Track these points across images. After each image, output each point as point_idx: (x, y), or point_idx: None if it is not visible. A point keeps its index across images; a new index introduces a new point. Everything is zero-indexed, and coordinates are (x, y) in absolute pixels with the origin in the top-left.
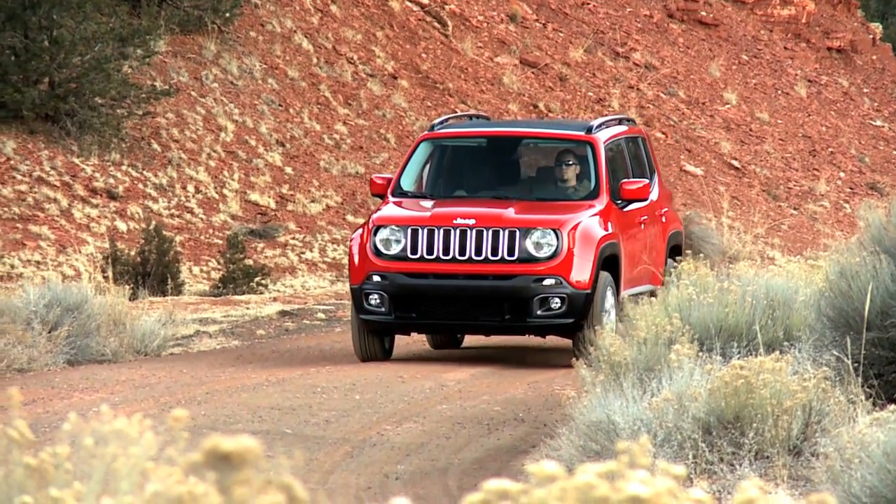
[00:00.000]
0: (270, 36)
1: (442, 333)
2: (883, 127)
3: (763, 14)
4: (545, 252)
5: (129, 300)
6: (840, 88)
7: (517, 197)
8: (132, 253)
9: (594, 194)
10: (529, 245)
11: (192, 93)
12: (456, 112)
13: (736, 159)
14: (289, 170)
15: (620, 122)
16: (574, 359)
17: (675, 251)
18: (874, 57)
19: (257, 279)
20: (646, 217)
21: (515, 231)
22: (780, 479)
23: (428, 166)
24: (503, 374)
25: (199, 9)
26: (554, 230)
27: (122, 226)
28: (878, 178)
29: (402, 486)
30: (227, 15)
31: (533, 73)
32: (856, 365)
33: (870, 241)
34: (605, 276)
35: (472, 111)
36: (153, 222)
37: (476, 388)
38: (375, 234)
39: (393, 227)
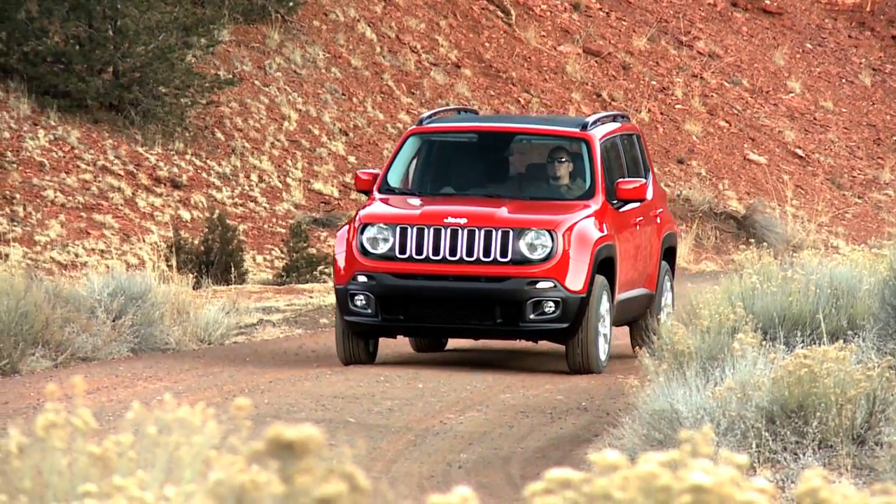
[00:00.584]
0: (334, 25)
1: (430, 337)
2: None
3: (827, 2)
4: (539, 254)
5: (193, 289)
6: None
7: (509, 195)
8: (196, 242)
9: (589, 194)
10: (523, 246)
11: (256, 82)
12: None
13: (800, 148)
14: (352, 158)
15: (615, 118)
16: (637, 348)
17: (669, 254)
18: None
19: (320, 268)
20: (641, 218)
21: (509, 231)
22: (843, 468)
23: (416, 162)
24: (565, 362)
25: None
26: (549, 231)
27: (185, 215)
28: None
29: (465, 475)
30: (291, 4)
31: (596, 62)
32: None
33: None
34: (600, 279)
35: (456, 105)
36: (217, 211)
37: (539, 377)
38: (362, 232)
39: (380, 225)
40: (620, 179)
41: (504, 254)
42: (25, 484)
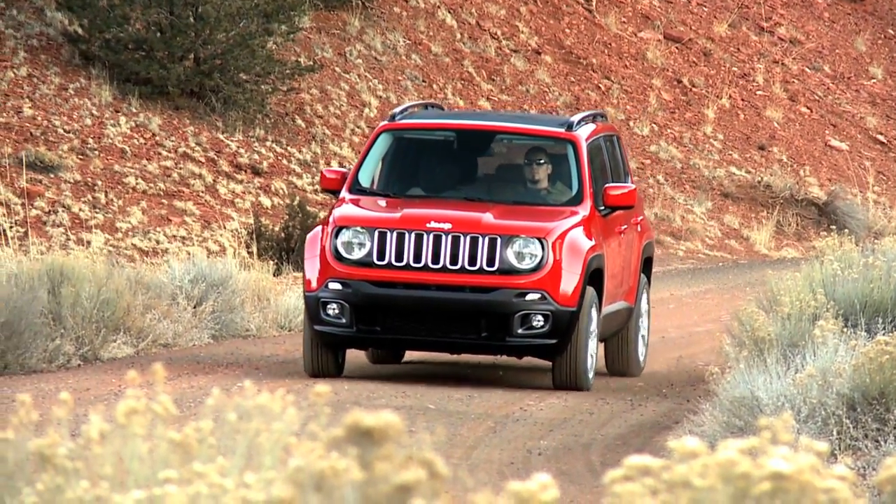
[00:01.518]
0: (414, 11)
1: (408, 349)
2: None
3: None
4: (528, 263)
5: (273, 276)
6: None
7: (491, 199)
8: (276, 228)
9: (577, 199)
10: (511, 255)
11: (336, 68)
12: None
13: (882, 134)
14: None
15: (594, 118)
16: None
17: (647, 264)
18: None
19: None
20: (625, 226)
21: (496, 238)
22: None
23: (388, 161)
24: (647, 349)
25: None
26: (539, 239)
27: (266, 201)
28: None
29: (545, 462)
30: None
31: (677, 48)
32: None
33: None
34: (590, 292)
35: (427, 100)
36: (297, 198)
37: None
38: (337, 235)
39: (357, 228)
40: (608, 184)
41: (491, 262)
42: (106, 470)
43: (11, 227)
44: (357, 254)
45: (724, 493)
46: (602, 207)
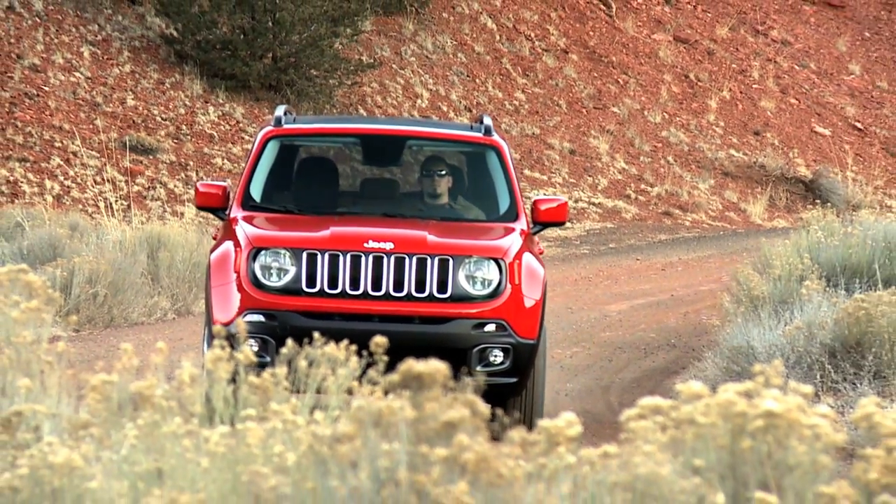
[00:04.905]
0: (460, 17)
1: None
2: None
3: None
4: (484, 288)
5: None
6: None
7: (414, 215)
8: None
9: (511, 214)
10: (463, 278)
11: (394, 66)
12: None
13: (859, 122)
14: None
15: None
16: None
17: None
18: None
19: None
20: (538, 248)
21: (448, 260)
22: (894, 396)
23: (280, 172)
24: (658, 306)
25: None
26: (495, 260)
27: None
28: None
29: (571, 402)
30: None
31: (685, 48)
32: None
33: None
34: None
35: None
36: None
37: (634, 318)
38: (254, 258)
39: (279, 249)
40: (539, 197)
41: (443, 288)
42: (196, 408)
43: (116, 201)
44: (280, 280)
45: (724, 429)
46: (534, 224)
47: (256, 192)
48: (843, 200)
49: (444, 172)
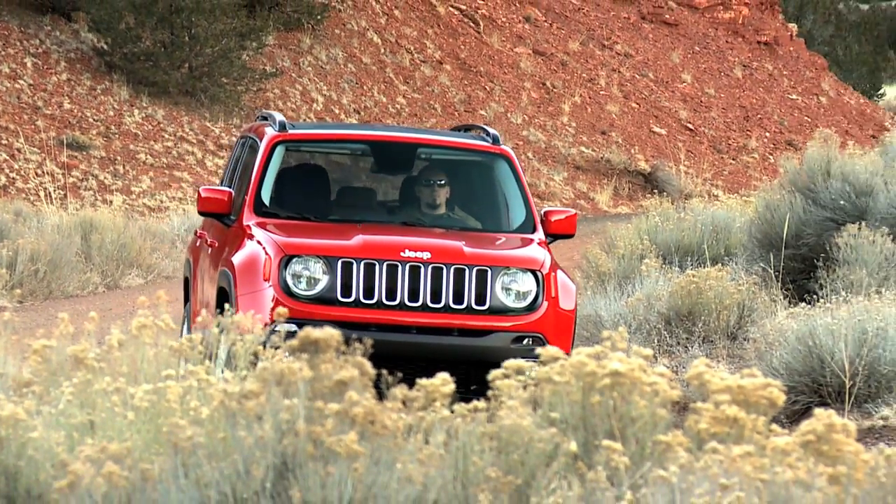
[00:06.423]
0: (350, 32)
1: None
2: (797, 100)
3: (710, 16)
4: (522, 301)
5: None
6: (766, 71)
7: (435, 224)
8: None
9: (529, 226)
10: (500, 291)
11: (293, 74)
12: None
13: (690, 123)
14: None
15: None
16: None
17: None
18: (791, 48)
19: None
20: None
21: (486, 271)
22: (721, 357)
23: (290, 177)
24: None
25: (297, 12)
26: (532, 271)
27: None
28: (793, 137)
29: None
30: (319, 17)
31: (542, 59)
32: (777, 274)
33: (787, 183)
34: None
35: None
36: None
37: None
38: (286, 266)
39: (312, 257)
40: (548, 209)
41: (481, 300)
42: (124, 369)
43: (55, 191)
44: (314, 289)
45: (577, 387)
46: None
47: (267, 197)
48: (677, 190)
49: (442, 182)
